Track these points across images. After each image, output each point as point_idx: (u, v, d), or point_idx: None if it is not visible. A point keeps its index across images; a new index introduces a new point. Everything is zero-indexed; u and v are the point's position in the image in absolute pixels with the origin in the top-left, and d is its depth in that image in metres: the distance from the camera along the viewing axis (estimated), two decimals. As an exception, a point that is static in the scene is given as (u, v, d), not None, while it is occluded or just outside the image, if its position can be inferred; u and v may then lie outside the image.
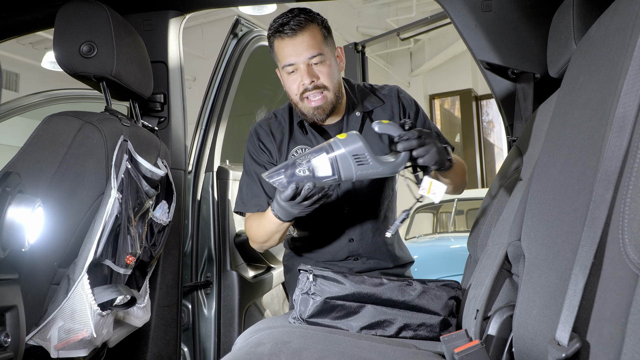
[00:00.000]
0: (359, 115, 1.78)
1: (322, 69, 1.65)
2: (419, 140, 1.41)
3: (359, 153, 1.38)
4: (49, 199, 1.37)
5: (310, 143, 1.78)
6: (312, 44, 1.62)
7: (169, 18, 2.03)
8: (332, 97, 1.68)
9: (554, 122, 1.14)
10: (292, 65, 1.64)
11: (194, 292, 2.35)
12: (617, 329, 0.68)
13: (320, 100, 1.66)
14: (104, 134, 1.48)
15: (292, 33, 1.61)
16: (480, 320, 1.21)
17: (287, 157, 1.79)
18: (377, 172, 1.41)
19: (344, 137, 1.40)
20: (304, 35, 1.62)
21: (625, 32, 0.87)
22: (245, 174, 1.84)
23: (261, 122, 1.86)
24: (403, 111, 1.82)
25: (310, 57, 1.62)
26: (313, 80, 1.64)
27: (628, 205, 0.70)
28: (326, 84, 1.65)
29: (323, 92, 1.66)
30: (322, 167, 1.39)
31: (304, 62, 1.62)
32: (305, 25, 1.62)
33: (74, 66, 1.56)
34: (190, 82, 8.38)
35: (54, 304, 1.42)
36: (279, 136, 1.81)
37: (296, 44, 1.62)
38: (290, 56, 1.63)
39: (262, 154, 1.81)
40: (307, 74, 1.63)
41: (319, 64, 1.64)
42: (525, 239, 1.12)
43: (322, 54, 1.63)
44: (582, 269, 0.75)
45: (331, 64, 1.67)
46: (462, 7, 1.89)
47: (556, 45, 1.40)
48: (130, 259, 1.54)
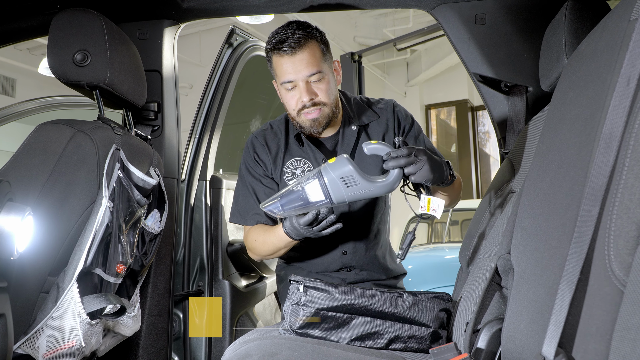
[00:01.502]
0: (355, 129, 1.79)
1: (321, 86, 1.65)
2: (408, 159, 1.40)
3: (346, 176, 1.42)
4: (40, 207, 1.37)
5: (306, 155, 1.79)
6: (311, 62, 1.62)
7: (164, 27, 2.03)
8: (328, 112, 1.69)
9: (544, 136, 1.15)
10: (291, 83, 1.64)
11: (186, 301, 2.33)
12: (602, 345, 0.68)
13: (317, 114, 1.67)
14: (96, 143, 1.48)
15: (291, 51, 1.60)
16: (470, 333, 1.21)
17: (283, 169, 1.79)
18: (369, 192, 1.44)
19: (333, 162, 1.44)
20: (303, 53, 1.61)
21: (613, 48, 0.87)
22: (241, 185, 1.85)
23: (257, 133, 1.87)
24: (398, 125, 1.83)
25: (309, 75, 1.62)
26: (312, 98, 1.64)
27: (614, 222, 0.70)
28: (324, 100, 1.66)
29: (320, 107, 1.66)
30: (314, 193, 1.43)
31: (302, 80, 1.63)
32: (305, 43, 1.61)
33: (68, 74, 1.56)
34: (187, 89, 8.38)
35: (43, 313, 1.41)
36: (274, 148, 1.82)
37: (295, 62, 1.61)
38: (289, 73, 1.62)
39: (257, 166, 1.82)
40: (306, 91, 1.63)
41: (318, 81, 1.64)
42: (514, 252, 1.12)
43: (320, 72, 1.63)
44: (569, 285, 0.75)
45: (329, 80, 1.67)
46: (456, 19, 1.90)
47: (548, 59, 1.41)
48: (121, 267, 1.53)
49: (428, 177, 1.44)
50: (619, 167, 0.72)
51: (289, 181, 1.79)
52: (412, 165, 1.42)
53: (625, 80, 0.75)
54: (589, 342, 0.71)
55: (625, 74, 0.75)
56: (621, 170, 0.71)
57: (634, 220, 0.68)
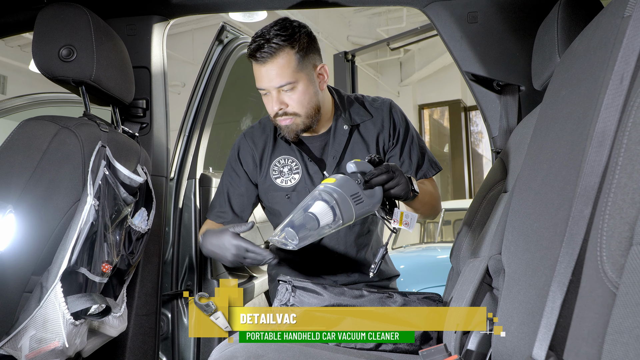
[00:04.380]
0: (347, 129, 1.77)
1: (293, 96, 1.64)
2: (388, 175, 1.38)
3: (354, 194, 1.34)
4: (22, 205, 1.34)
5: (293, 153, 1.77)
6: (282, 73, 1.60)
7: (152, 23, 2.00)
8: (302, 121, 1.68)
9: (536, 135, 1.13)
10: (263, 90, 1.64)
11: (174, 301, 2.31)
12: (594, 348, 0.67)
13: (289, 121, 1.66)
14: (81, 140, 1.45)
15: (262, 60, 1.60)
16: (460, 334, 1.20)
17: (270, 166, 1.78)
18: (370, 206, 1.37)
19: (338, 182, 1.35)
20: (274, 63, 1.60)
21: (606, 46, 0.86)
22: (220, 183, 1.88)
23: (246, 132, 1.88)
24: (393, 127, 1.80)
25: (279, 86, 1.62)
26: (281, 107, 1.64)
27: (606, 222, 0.68)
28: (295, 110, 1.65)
29: (292, 117, 1.66)
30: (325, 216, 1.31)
31: (273, 89, 1.62)
32: (277, 53, 1.59)
33: (53, 70, 1.53)
34: (179, 87, 8.35)
35: (26, 313, 1.38)
36: (261, 145, 1.81)
37: (268, 72, 1.61)
38: (262, 82, 1.63)
39: (239, 169, 1.84)
40: (276, 100, 1.63)
41: (289, 90, 1.63)
42: (505, 253, 1.11)
43: (291, 82, 1.62)
44: (560, 286, 0.74)
45: (304, 90, 1.64)
46: (448, 17, 1.88)
47: (540, 58, 1.40)
48: (107, 267, 1.51)
49: (405, 190, 1.41)
50: (612, 166, 0.70)
51: (275, 179, 1.78)
52: (392, 181, 1.39)
53: (618, 78, 0.74)
54: (580, 345, 0.70)
55: (618, 71, 0.74)
56: (614, 170, 0.69)
57: (626, 220, 0.66)
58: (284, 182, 1.76)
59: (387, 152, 1.80)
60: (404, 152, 1.80)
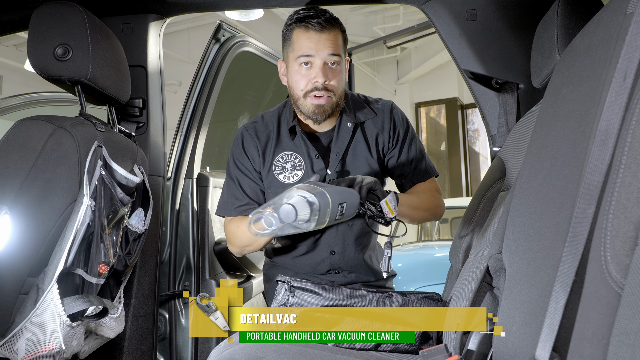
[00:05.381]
0: (351, 127, 1.75)
1: (335, 72, 1.64)
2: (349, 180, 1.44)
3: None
4: (18, 205, 1.33)
5: (297, 149, 1.74)
6: (335, 44, 1.62)
7: (149, 22, 1.99)
8: (335, 101, 1.67)
9: (537, 133, 1.12)
10: (309, 57, 1.61)
11: (172, 301, 2.30)
12: (599, 350, 0.66)
13: (325, 100, 1.64)
14: (77, 139, 1.44)
15: (319, 27, 1.60)
16: (461, 334, 1.19)
17: (273, 162, 1.75)
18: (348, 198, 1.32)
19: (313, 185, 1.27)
20: (330, 33, 1.62)
21: (609, 43, 0.85)
22: (228, 178, 1.81)
23: (247, 125, 1.83)
24: (393, 128, 1.79)
25: (330, 55, 1.61)
26: (326, 79, 1.62)
27: (610, 222, 0.67)
28: (336, 86, 1.65)
29: (330, 95, 1.64)
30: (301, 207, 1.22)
31: (321, 59, 1.61)
32: (333, 25, 1.63)
33: (48, 69, 1.52)
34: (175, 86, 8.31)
35: (22, 315, 1.37)
36: (264, 139, 1.77)
37: (321, 39, 1.61)
38: (311, 49, 1.61)
39: (244, 159, 1.78)
40: (322, 72, 1.61)
41: (335, 65, 1.63)
42: (506, 252, 1.10)
43: (340, 56, 1.64)
44: (563, 287, 0.73)
45: (343, 70, 1.67)
46: (447, 15, 1.87)
47: (540, 56, 1.39)
48: (103, 267, 1.49)
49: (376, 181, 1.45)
50: (616, 165, 0.69)
51: (278, 175, 1.75)
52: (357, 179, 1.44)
53: (621, 75, 0.73)
54: (584, 347, 0.69)
55: (621, 68, 0.73)
56: (618, 168, 0.68)
57: (631, 220, 0.65)
58: (286, 179, 1.73)
59: (387, 153, 1.79)
60: (402, 154, 1.78)
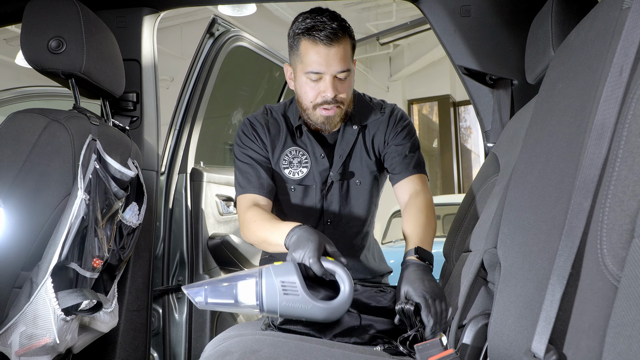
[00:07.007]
0: (356, 129, 1.73)
1: (345, 84, 1.60)
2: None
3: (287, 282, 1.24)
4: (11, 199, 1.32)
5: (303, 146, 1.72)
6: (344, 58, 1.56)
7: (143, 15, 1.98)
8: (344, 110, 1.65)
9: (532, 128, 1.13)
10: (318, 74, 1.57)
11: (165, 296, 2.30)
12: (595, 341, 0.66)
13: (334, 111, 1.61)
14: (71, 133, 1.43)
15: (327, 42, 1.53)
16: (455, 328, 1.19)
17: (280, 157, 1.72)
18: (306, 310, 1.24)
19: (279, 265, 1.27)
20: (339, 47, 1.55)
21: (604, 38, 0.85)
22: (239, 161, 1.73)
23: (256, 114, 1.78)
24: (392, 126, 1.74)
25: (340, 72, 1.57)
26: (336, 93, 1.59)
27: (607, 215, 0.68)
28: (344, 98, 1.62)
29: (339, 105, 1.62)
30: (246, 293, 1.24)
31: (331, 74, 1.56)
32: (341, 37, 1.55)
33: (42, 62, 1.51)
34: (167, 82, 8.28)
35: (16, 309, 1.37)
36: (274, 132, 1.74)
37: (330, 55, 1.54)
38: (320, 65, 1.55)
39: (255, 144, 1.73)
40: (331, 87, 1.57)
41: (344, 79, 1.59)
42: (501, 246, 1.11)
43: (349, 70, 1.59)
44: (560, 279, 0.73)
45: (352, 80, 1.64)
46: (441, 11, 1.87)
47: (534, 52, 1.40)
48: (97, 262, 1.49)
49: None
50: (612, 159, 0.70)
51: (284, 169, 1.72)
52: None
53: (617, 70, 0.73)
54: (581, 339, 0.70)
55: (617, 63, 0.73)
56: (614, 162, 0.69)
57: (627, 213, 0.66)
58: (291, 174, 1.71)
59: (382, 150, 1.76)
60: (400, 146, 1.74)
